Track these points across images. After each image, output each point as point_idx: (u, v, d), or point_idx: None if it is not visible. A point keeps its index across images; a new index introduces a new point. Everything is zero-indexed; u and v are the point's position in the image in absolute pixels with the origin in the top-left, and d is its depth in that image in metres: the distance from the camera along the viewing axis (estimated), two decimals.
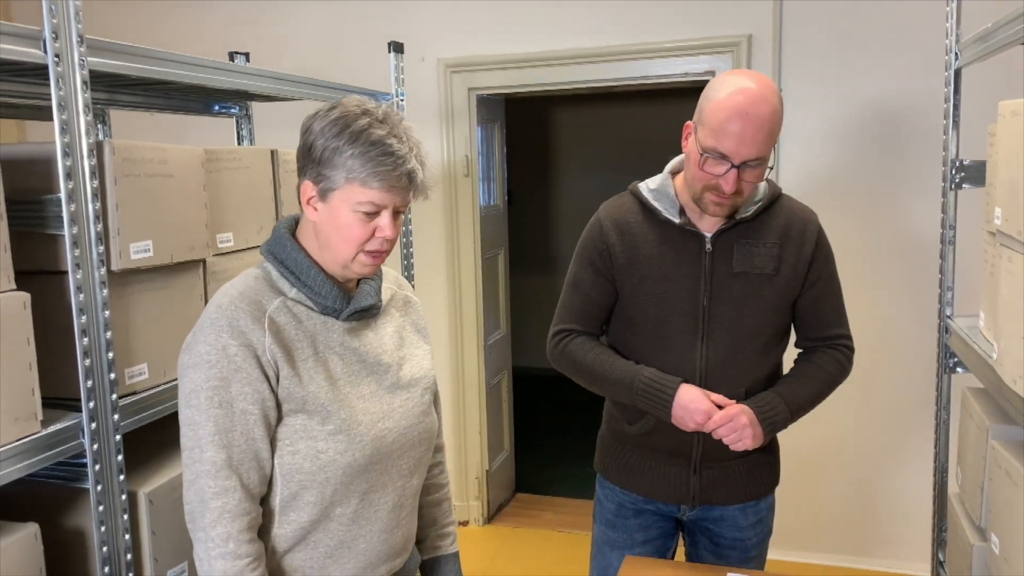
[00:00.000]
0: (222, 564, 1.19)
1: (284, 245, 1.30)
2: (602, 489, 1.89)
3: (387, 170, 1.21)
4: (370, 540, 1.31)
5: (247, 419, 1.21)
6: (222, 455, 1.20)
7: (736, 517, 1.79)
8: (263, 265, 1.32)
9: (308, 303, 1.29)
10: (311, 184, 1.26)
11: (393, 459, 1.32)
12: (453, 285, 3.64)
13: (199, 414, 1.20)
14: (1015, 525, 1.50)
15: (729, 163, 1.53)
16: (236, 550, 1.19)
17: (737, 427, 1.58)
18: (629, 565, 1.79)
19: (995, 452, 1.64)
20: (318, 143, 1.23)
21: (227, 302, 1.24)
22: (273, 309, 1.25)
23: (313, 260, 1.30)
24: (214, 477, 1.20)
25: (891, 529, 3.07)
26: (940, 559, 2.11)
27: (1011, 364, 1.43)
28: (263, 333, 1.23)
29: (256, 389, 1.22)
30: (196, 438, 1.21)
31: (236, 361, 1.20)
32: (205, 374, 1.20)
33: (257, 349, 1.22)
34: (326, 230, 1.27)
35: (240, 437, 1.21)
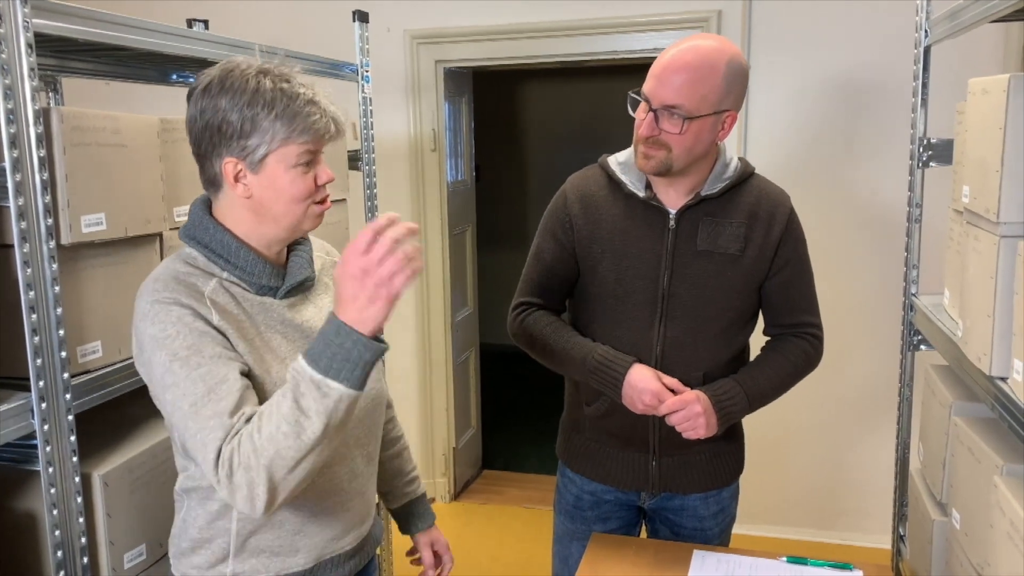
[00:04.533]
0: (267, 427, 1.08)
1: (206, 228, 1.25)
2: (562, 479, 1.87)
3: (315, 119, 1.20)
4: (335, 512, 1.30)
5: (232, 366, 1.15)
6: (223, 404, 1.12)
7: (697, 507, 1.78)
8: (186, 251, 1.27)
9: (242, 284, 1.25)
10: (235, 160, 1.21)
11: (349, 429, 1.30)
12: None
13: (183, 387, 1.13)
14: (976, 501, 1.52)
15: (648, 106, 1.52)
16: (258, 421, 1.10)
17: (690, 415, 1.55)
18: (595, 543, 1.79)
19: (957, 429, 1.65)
20: (231, 118, 1.19)
21: (161, 286, 1.19)
22: (210, 290, 1.22)
23: (240, 239, 1.25)
24: (221, 427, 1.11)
25: (853, 503, 3.13)
26: (901, 533, 2.15)
27: (977, 342, 1.44)
28: (209, 311, 1.19)
29: (226, 346, 1.17)
30: (193, 409, 1.12)
31: (198, 327, 1.16)
32: (170, 349, 1.14)
33: (211, 320, 1.18)
34: (266, 200, 1.23)
35: (234, 384, 1.14)
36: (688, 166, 1.57)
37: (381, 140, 3.32)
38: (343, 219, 2.35)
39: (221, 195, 1.26)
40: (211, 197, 1.28)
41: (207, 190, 1.28)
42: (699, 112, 1.50)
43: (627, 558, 1.72)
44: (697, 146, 1.55)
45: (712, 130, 1.54)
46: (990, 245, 1.36)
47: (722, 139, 1.59)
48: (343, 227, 2.34)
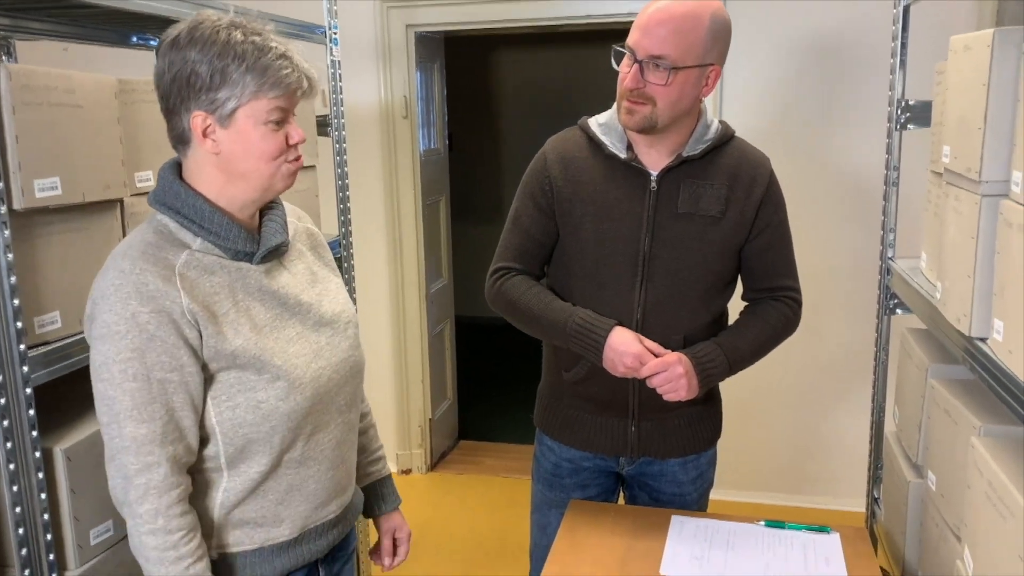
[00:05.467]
0: (153, 540, 1.15)
1: (176, 192, 1.21)
2: (540, 447, 1.86)
3: (287, 73, 1.17)
4: (319, 480, 1.29)
5: (166, 389, 1.15)
6: (142, 430, 1.14)
7: (676, 472, 1.78)
8: (157, 218, 1.23)
9: (216, 252, 1.22)
10: (204, 114, 1.17)
11: (332, 397, 1.29)
12: (393, 231, 3.54)
13: (113, 388, 1.13)
14: (953, 462, 1.53)
15: (633, 57, 1.50)
16: (167, 525, 1.15)
17: (672, 377, 1.54)
18: (573, 510, 1.78)
19: (934, 391, 1.66)
20: (200, 70, 1.15)
21: (128, 265, 1.15)
22: (181, 264, 1.18)
23: (212, 203, 1.21)
24: (136, 453, 1.14)
25: (828, 469, 3.16)
26: (875, 496, 2.16)
27: (956, 303, 1.43)
28: (177, 293, 1.15)
29: (174, 356, 1.15)
30: (113, 414, 1.14)
31: (149, 329, 1.13)
32: (115, 346, 1.13)
33: (173, 312, 1.14)
34: (236, 156, 1.19)
35: (160, 409, 1.15)
36: (671, 123, 1.55)
37: (351, 107, 3.24)
38: (312, 186, 2.29)
39: (190, 154, 1.22)
40: (181, 158, 1.24)
41: (176, 149, 1.24)
42: (684, 63, 1.48)
43: (605, 524, 1.72)
44: (682, 100, 1.52)
45: (696, 84, 1.52)
46: (971, 205, 1.35)
47: (706, 95, 1.57)
48: (312, 194, 2.28)
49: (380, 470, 1.56)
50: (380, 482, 1.56)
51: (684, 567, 1.56)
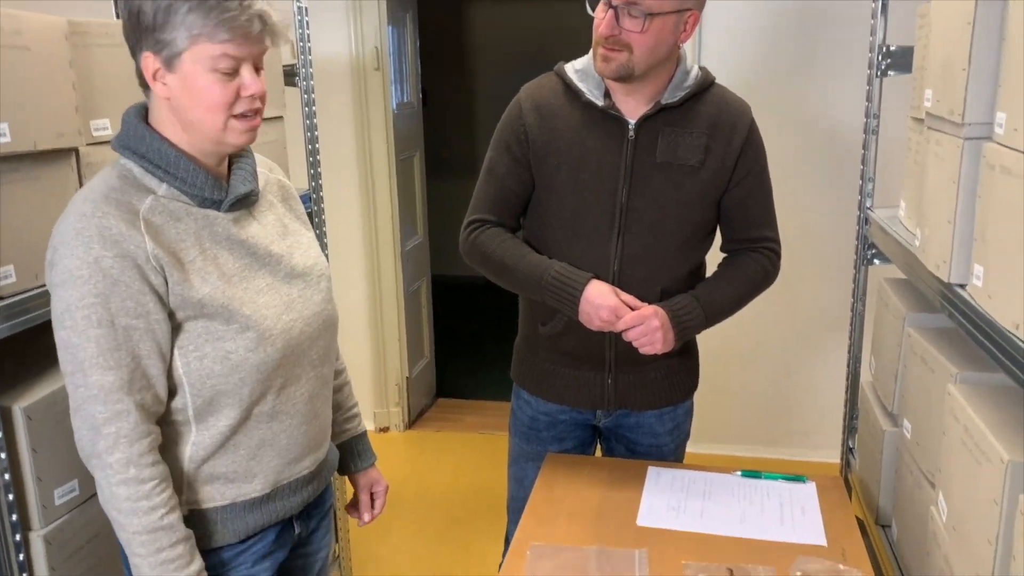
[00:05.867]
0: (125, 491, 1.12)
1: (141, 136, 1.16)
2: (517, 401, 1.84)
3: (234, 15, 1.10)
4: (291, 435, 1.26)
5: (131, 335, 1.11)
6: (109, 377, 1.10)
7: (653, 424, 1.77)
8: (120, 163, 1.18)
9: (183, 198, 1.17)
10: (152, 56, 1.12)
11: (303, 350, 1.26)
12: (366, 187, 3.47)
13: (77, 336, 1.09)
14: (929, 410, 1.53)
15: (608, 3, 1.45)
16: (139, 474, 1.12)
17: (648, 330, 1.52)
18: (550, 463, 1.77)
19: (911, 340, 1.65)
20: (146, 7, 1.09)
21: (90, 209, 1.10)
22: (146, 209, 1.14)
23: (178, 148, 1.17)
24: (103, 402, 1.10)
25: (804, 421, 3.19)
26: (850, 446, 2.18)
27: (936, 250, 1.42)
28: (141, 238, 1.11)
29: (139, 303, 1.11)
30: (77, 362, 1.10)
31: (112, 274, 1.09)
32: (78, 292, 1.08)
33: (138, 257, 1.10)
34: (184, 103, 1.14)
35: (126, 356, 1.11)
36: (648, 71, 1.50)
37: (321, 58, 3.14)
38: (280, 138, 2.22)
39: (151, 97, 1.18)
40: (147, 102, 1.20)
41: (144, 93, 1.19)
42: (661, 9, 1.43)
43: (582, 476, 1.71)
44: (659, 47, 1.47)
45: (674, 30, 1.47)
46: (953, 149, 1.32)
47: (684, 41, 1.52)
48: (280, 146, 2.21)
49: (356, 427, 1.54)
50: (356, 439, 1.54)
51: (660, 517, 1.56)
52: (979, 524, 1.22)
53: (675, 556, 1.43)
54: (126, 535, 1.14)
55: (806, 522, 1.53)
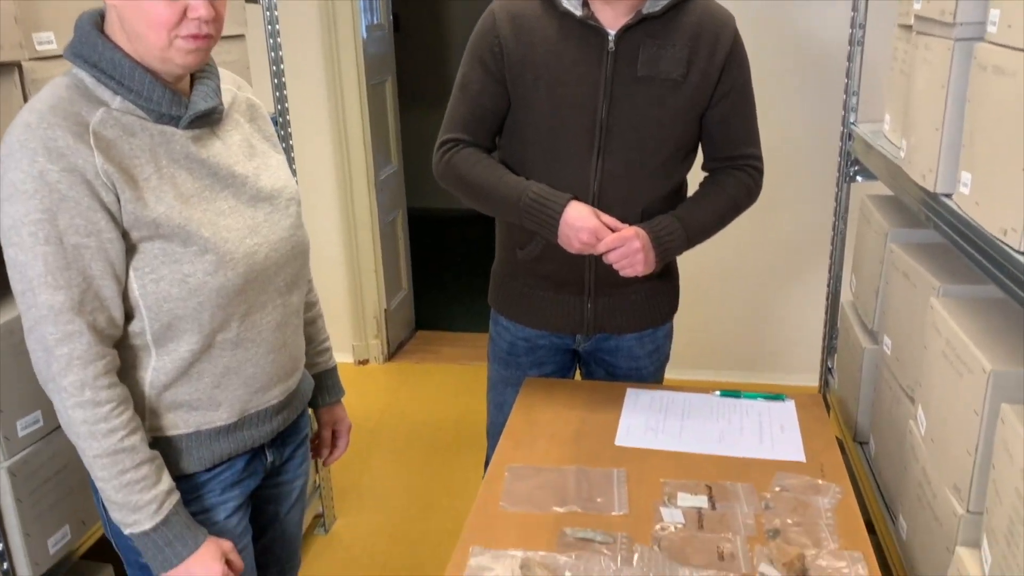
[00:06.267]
0: (82, 413, 1.08)
1: (94, 44, 1.09)
2: (495, 327, 1.81)
3: None
4: (257, 363, 1.22)
5: (82, 254, 1.06)
6: (59, 297, 1.05)
7: (632, 347, 1.75)
8: (72, 72, 1.11)
9: (138, 112, 1.11)
10: None
11: (268, 277, 1.21)
12: (336, 114, 3.36)
13: (24, 253, 1.04)
14: (910, 325, 1.51)
15: None
16: (94, 397, 1.08)
17: (629, 252, 1.47)
18: (528, 387, 1.75)
19: (893, 255, 1.62)
20: None
21: (36, 119, 1.04)
22: (96, 122, 1.07)
23: (134, 59, 1.09)
24: (54, 323, 1.05)
25: (783, 345, 3.19)
26: (829, 366, 2.18)
27: (921, 160, 1.38)
28: (90, 152, 1.05)
29: (89, 220, 1.05)
30: (26, 281, 1.05)
31: (60, 189, 1.03)
32: (23, 207, 1.03)
33: (86, 172, 1.04)
34: (128, 16, 1.07)
35: (77, 276, 1.06)
36: None
37: None
38: (241, 57, 2.11)
39: (106, 4, 1.10)
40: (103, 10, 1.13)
41: None
42: None
43: (560, 400, 1.69)
44: None
45: None
46: (943, 52, 1.27)
47: None
48: (242, 66, 2.10)
49: (326, 361, 1.50)
50: (325, 373, 1.50)
51: (639, 437, 1.55)
52: (958, 435, 1.21)
53: (653, 475, 1.43)
54: (88, 459, 1.11)
55: (785, 439, 1.53)
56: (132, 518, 1.12)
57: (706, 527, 1.29)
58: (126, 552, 1.24)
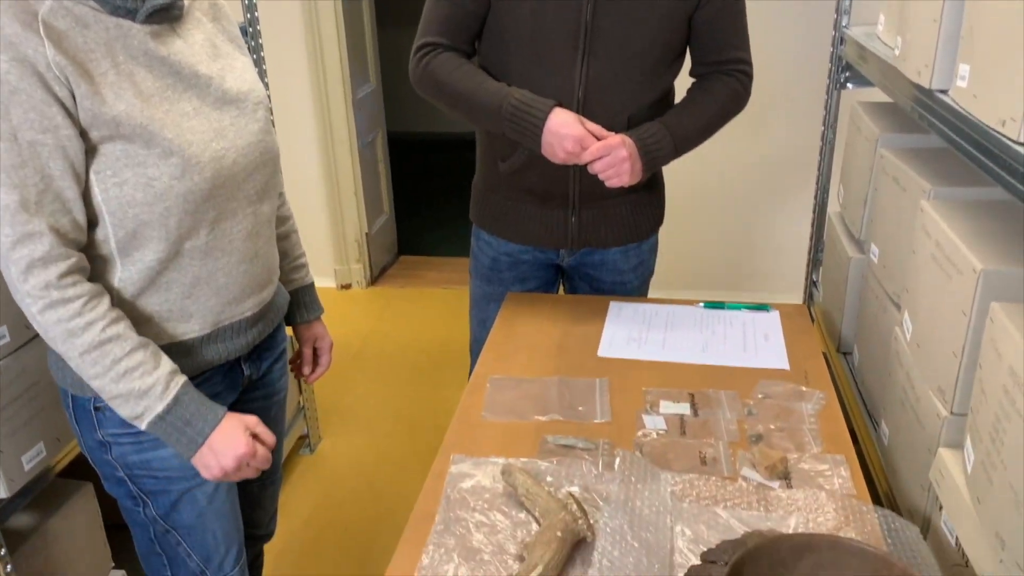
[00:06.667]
0: (53, 314, 1.03)
1: None
2: (477, 242, 1.77)
3: None
4: (229, 273, 1.18)
5: (38, 152, 0.99)
6: (14, 196, 0.99)
7: (617, 261, 1.71)
8: None
9: (91, 3, 1.03)
10: None
11: (238, 183, 1.15)
12: (311, 28, 3.22)
13: None
14: (898, 231, 1.48)
15: None
16: (62, 295, 1.03)
17: (615, 161, 1.42)
18: (511, 302, 1.72)
19: (883, 160, 1.58)
20: None
21: None
22: (46, 11, 0.99)
23: None
24: (10, 224, 1.00)
25: (766, 264, 3.18)
26: (814, 280, 2.16)
27: (917, 55, 1.32)
28: (40, 42, 0.98)
29: (44, 115, 0.99)
30: None
31: (10, 80, 0.97)
32: None
33: (37, 64, 0.97)
34: None
35: (34, 175, 1.00)
36: None
37: None
38: None
39: None
40: None
41: None
42: None
43: (543, 313, 1.66)
44: None
45: None
46: None
47: None
48: None
49: (303, 277, 1.46)
50: (302, 290, 1.46)
51: (621, 348, 1.53)
52: (945, 338, 1.19)
53: (636, 384, 1.41)
54: (76, 363, 1.06)
55: (769, 348, 1.52)
56: (141, 405, 1.08)
57: (688, 433, 1.28)
58: (102, 467, 1.22)
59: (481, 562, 1.02)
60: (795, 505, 1.10)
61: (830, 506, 1.09)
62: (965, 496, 1.09)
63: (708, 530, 1.06)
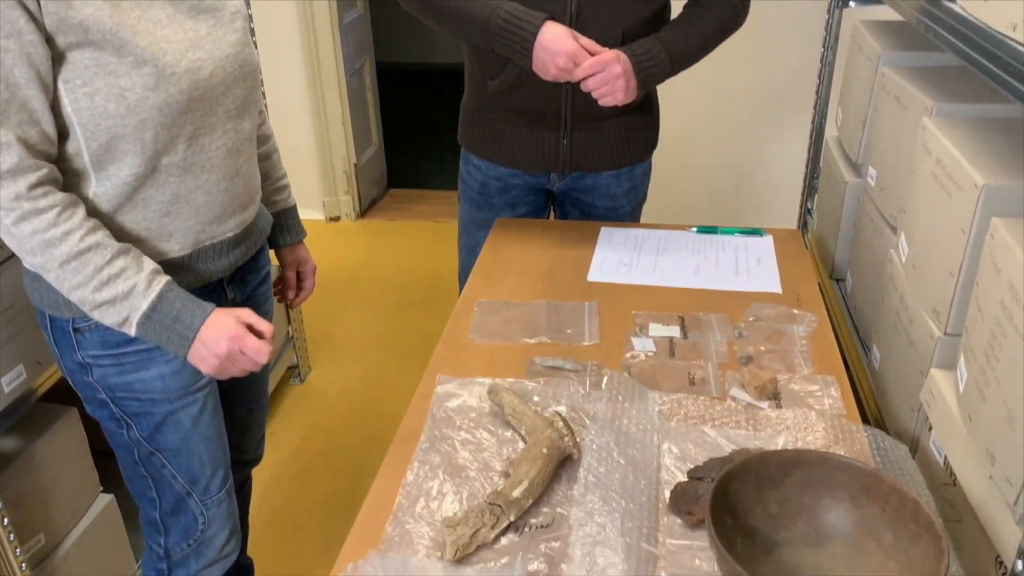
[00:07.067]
0: (27, 226, 0.99)
1: None
2: (466, 166, 1.72)
3: None
4: (209, 191, 1.14)
5: (1, 59, 0.94)
6: None
7: (610, 185, 1.67)
8: None
9: None
10: None
11: (216, 97, 1.10)
12: None
13: None
14: (897, 151, 1.44)
15: None
16: (34, 206, 0.99)
17: (609, 78, 1.36)
18: (499, 227, 1.68)
19: (884, 79, 1.53)
20: None
21: None
22: None
23: None
24: None
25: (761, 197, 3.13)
26: (808, 207, 2.12)
27: None
28: None
29: (5, 19, 0.93)
30: None
31: None
32: None
33: None
34: None
35: None
36: None
37: None
38: None
39: None
40: None
41: None
42: None
43: (532, 239, 1.63)
44: None
45: None
46: None
47: None
48: None
49: (285, 199, 1.42)
50: (284, 212, 1.42)
51: (612, 272, 1.50)
52: (942, 258, 1.17)
53: (626, 307, 1.39)
54: (55, 274, 1.03)
55: (761, 272, 1.49)
56: (126, 308, 1.05)
57: (677, 355, 1.26)
58: (84, 389, 1.20)
59: (466, 479, 1.01)
60: (784, 424, 1.09)
61: (819, 425, 1.08)
62: (956, 415, 1.08)
63: (695, 448, 1.05)
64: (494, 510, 0.91)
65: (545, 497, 0.97)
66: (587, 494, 0.94)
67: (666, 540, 0.92)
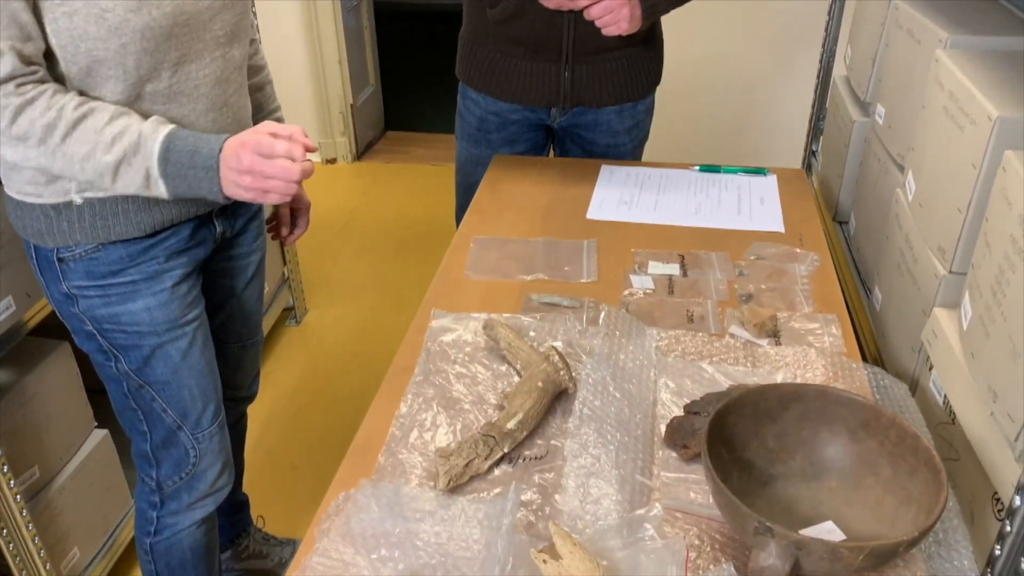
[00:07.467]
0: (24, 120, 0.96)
1: None
2: (463, 100, 1.67)
3: None
4: (195, 121, 1.10)
5: None
6: None
7: (611, 121, 1.62)
8: None
9: None
10: None
11: (203, 22, 1.06)
12: None
13: None
14: (908, 87, 1.40)
15: None
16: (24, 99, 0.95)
17: (613, 6, 1.32)
18: (496, 164, 1.65)
19: (897, 12, 1.48)
20: None
21: None
22: None
23: None
24: None
25: (765, 138, 3.08)
26: (813, 150, 2.08)
27: None
28: None
29: None
30: None
31: None
32: None
33: None
34: None
35: None
36: None
37: None
38: None
39: None
40: None
41: None
42: None
43: (531, 176, 1.60)
44: None
45: None
46: None
47: None
48: None
49: None
50: None
51: (611, 210, 1.47)
52: (950, 194, 1.14)
53: (625, 245, 1.36)
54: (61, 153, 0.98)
55: (764, 211, 1.46)
56: (141, 162, 1.00)
57: (676, 293, 1.24)
58: (71, 320, 1.18)
59: (461, 411, 0.99)
60: (783, 361, 1.08)
61: (819, 363, 1.07)
62: (958, 353, 1.06)
63: (692, 384, 1.04)
64: (488, 441, 0.90)
65: (540, 430, 0.96)
66: (582, 427, 0.93)
67: (661, 473, 0.91)
